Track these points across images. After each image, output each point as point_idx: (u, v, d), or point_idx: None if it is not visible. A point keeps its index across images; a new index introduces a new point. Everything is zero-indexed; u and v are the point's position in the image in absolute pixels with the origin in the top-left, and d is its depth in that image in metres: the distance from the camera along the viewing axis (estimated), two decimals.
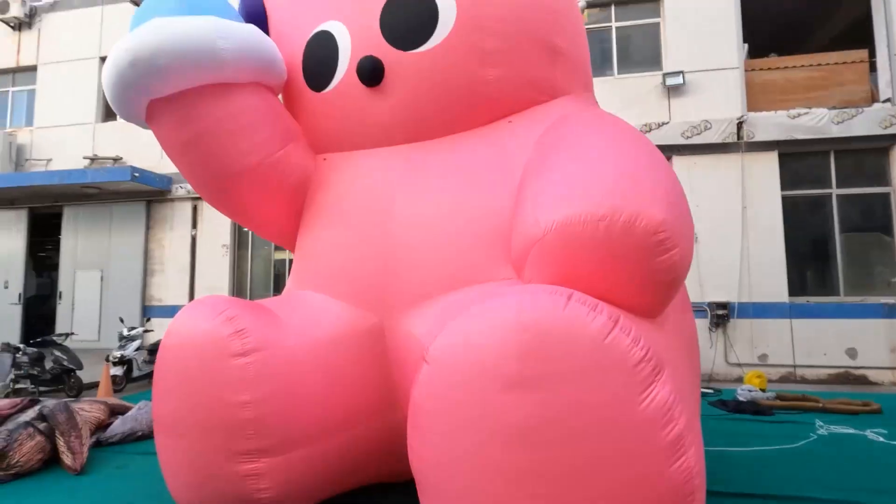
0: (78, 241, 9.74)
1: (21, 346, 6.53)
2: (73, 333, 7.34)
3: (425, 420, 1.79)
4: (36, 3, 10.52)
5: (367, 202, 2.89)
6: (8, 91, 10.94)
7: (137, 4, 9.46)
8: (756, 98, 7.78)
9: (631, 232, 1.81)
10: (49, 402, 3.99)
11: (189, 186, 8.96)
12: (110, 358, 6.77)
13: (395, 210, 2.75)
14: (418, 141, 2.97)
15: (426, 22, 2.81)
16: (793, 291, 7.33)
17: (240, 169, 3.03)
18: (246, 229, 9.27)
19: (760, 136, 7.49)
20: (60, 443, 3.75)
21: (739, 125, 7.55)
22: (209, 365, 2.34)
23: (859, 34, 8.28)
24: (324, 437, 2.52)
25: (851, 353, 7.02)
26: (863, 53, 7.81)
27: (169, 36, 2.62)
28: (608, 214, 1.84)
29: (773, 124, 7.48)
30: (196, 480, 2.50)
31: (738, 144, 7.56)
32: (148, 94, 2.78)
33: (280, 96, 3.36)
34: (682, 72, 7.69)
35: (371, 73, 2.87)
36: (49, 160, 10.01)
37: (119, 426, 4.41)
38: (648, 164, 2.17)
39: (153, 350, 7.36)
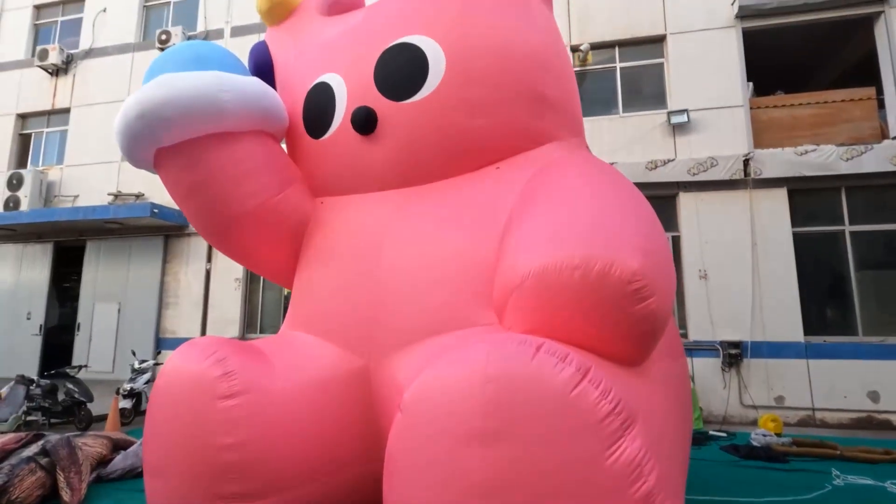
0: (98, 274, 10.07)
1: (35, 378, 6.68)
2: (86, 366, 7.50)
3: (396, 470, 1.80)
4: (73, 51, 11.27)
5: (357, 245, 2.95)
6: (43, 132, 11.59)
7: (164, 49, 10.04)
8: (762, 135, 7.80)
9: (605, 281, 1.83)
10: (52, 437, 4.06)
11: None
12: (120, 391, 6.87)
13: (383, 254, 2.81)
14: (409, 186, 3.06)
15: (417, 74, 2.94)
16: (808, 331, 7.13)
17: (241, 211, 3.14)
18: None
19: (768, 173, 7.46)
20: (60, 478, 3.79)
21: (746, 162, 7.55)
22: (196, 406, 2.37)
23: (865, 72, 8.31)
24: (306, 482, 2.51)
25: (874, 396, 6.73)
26: (870, 91, 7.81)
27: (174, 90, 2.78)
28: (582, 263, 1.87)
29: (780, 161, 7.46)
30: None
31: (746, 181, 7.54)
32: (155, 143, 2.93)
33: (283, 142, 3.51)
34: (686, 110, 7.79)
35: (364, 121, 2.99)
36: (76, 196, 10.48)
37: (120, 462, 4.43)
38: (627, 211, 2.20)
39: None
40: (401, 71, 2.98)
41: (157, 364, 7.60)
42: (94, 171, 10.45)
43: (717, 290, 7.30)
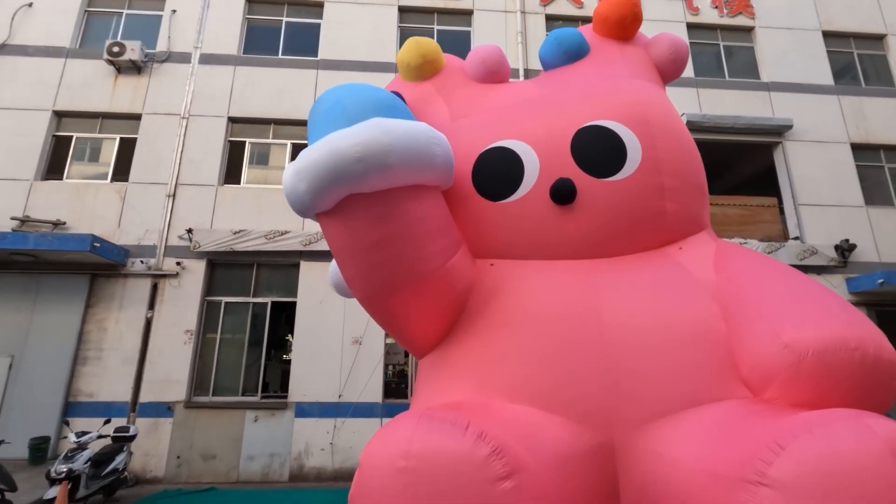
0: None
1: None
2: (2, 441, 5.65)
3: None
4: None
5: (569, 309, 2.93)
6: None
7: (113, 58, 8.86)
8: None
9: (880, 364, 2.19)
10: None
11: (151, 262, 7.99)
12: (52, 474, 5.31)
13: (605, 321, 2.84)
14: (599, 257, 3.20)
15: (616, 156, 3.20)
16: None
17: (421, 273, 2.98)
18: (218, 310, 8.33)
19: None
20: None
21: None
22: (471, 488, 2.13)
23: (766, 181, 10.58)
24: None
25: None
26: (773, 200, 9.93)
27: (397, 137, 2.66)
28: (860, 346, 2.21)
29: None
30: None
31: None
32: (358, 189, 2.70)
33: None
34: None
35: (567, 193, 3.11)
36: None
37: None
38: (836, 294, 2.64)
39: (100, 461, 5.97)
40: (603, 151, 3.20)
41: (101, 436, 6.04)
42: None
43: None
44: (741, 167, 11.39)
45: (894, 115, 10.45)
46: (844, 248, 9.16)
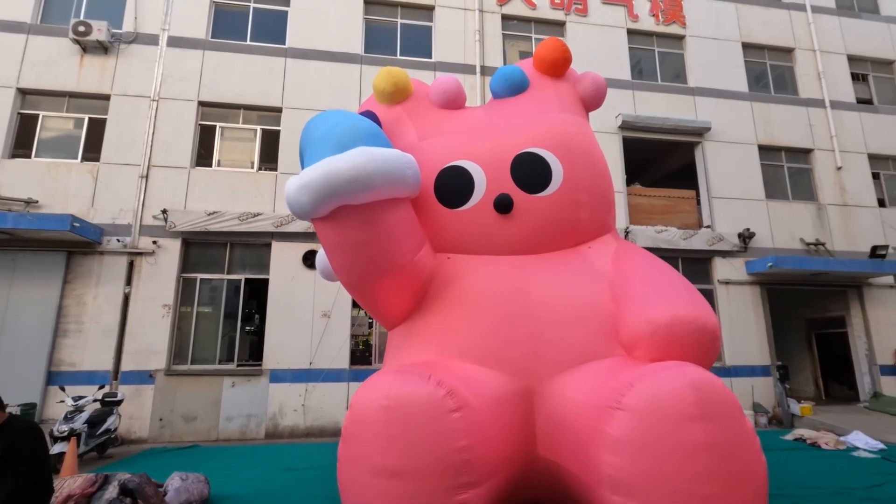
0: None
1: None
2: None
3: (626, 439, 2.92)
4: None
5: (505, 291, 4.01)
6: None
7: (78, 37, 9.00)
8: (635, 215, 10.77)
9: (707, 332, 3.43)
10: (124, 475, 3.96)
11: (126, 240, 8.49)
12: (55, 432, 5.99)
13: (531, 301, 3.95)
14: (529, 254, 4.28)
15: (544, 177, 4.27)
16: None
17: (398, 265, 3.97)
18: (194, 286, 8.94)
19: (639, 244, 10.33)
20: None
21: (626, 234, 10.32)
22: (432, 420, 3.16)
23: (686, 174, 12.09)
24: (499, 472, 3.50)
25: None
26: (692, 192, 11.46)
27: (381, 163, 3.60)
28: (696, 320, 3.43)
29: (646, 235, 10.42)
30: None
31: None
32: (348, 202, 3.62)
33: None
34: None
35: (507, 205, 4.16)
36: None
37: (174, 498, 4.41)
38: (688, 283, 3.85)
39: (94, 422, 6.66)
40: (534, 173, 4.25)
41: (96, 400, 6.69)
42: None
43: None
44: (667, 162, 12.87)
45: (796, 120, 12.15)
46: (745, 236, 10.84)
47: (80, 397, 6.55)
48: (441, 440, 3.10)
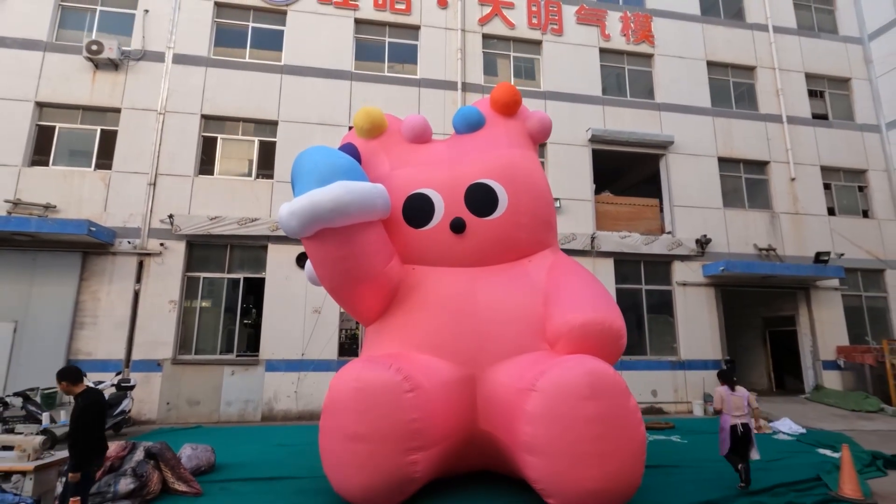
0: None
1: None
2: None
3: (538, 413, 3.94)
4: None
5: (456, 296, 4.99)
6: None
7: (91, 56, 9.83)
8: (601, 221, 11.76)
9: (613, 332, 4.42)
10: (148, 443, 4.91)
11: (136, 242, 9.43)
12: None
13: (478, 301, 4.91)
14: (479, 266, 5.25)
15: (492, 203, 5.23)
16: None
17: (370, 275, 4.93)
18: (198, 284, 9.87)
19: (604, 248, 11.34)
20: (169, 475, 4.79)
21: (592, 239, 11.31)
22: (391, 397, 4.13)
23: (652, 183, 13.07)
24: (446, 440, 4.48)
25: (654, 392, 10.84)
26: (655, 201, 12.45)
27: (356, 195, 4.54)
28: (603, 322, 4.42)
29: (611, 241, 11.41)
30: (369, 471, 4.12)
31: (591, 252, 11.29)
32: (329, 225, 4.57)
33: None
34: (559, 199, 11.27)
35: (461, 227, 5.11)
36: None
37: (187, 462, 5.37)
38: (603, 290, 4.84)
39: (111, 404, 7.61)
40: (484, 200, 5.20)
41: (113, 385, 7.66)
42: None
43: None
44: (633, 173, 13.85)
45: (754, 134, 13.14)
46: (703, 242, 11.85)
47: (100, 382, 7.51)
48: (397, 413, 4.09)
